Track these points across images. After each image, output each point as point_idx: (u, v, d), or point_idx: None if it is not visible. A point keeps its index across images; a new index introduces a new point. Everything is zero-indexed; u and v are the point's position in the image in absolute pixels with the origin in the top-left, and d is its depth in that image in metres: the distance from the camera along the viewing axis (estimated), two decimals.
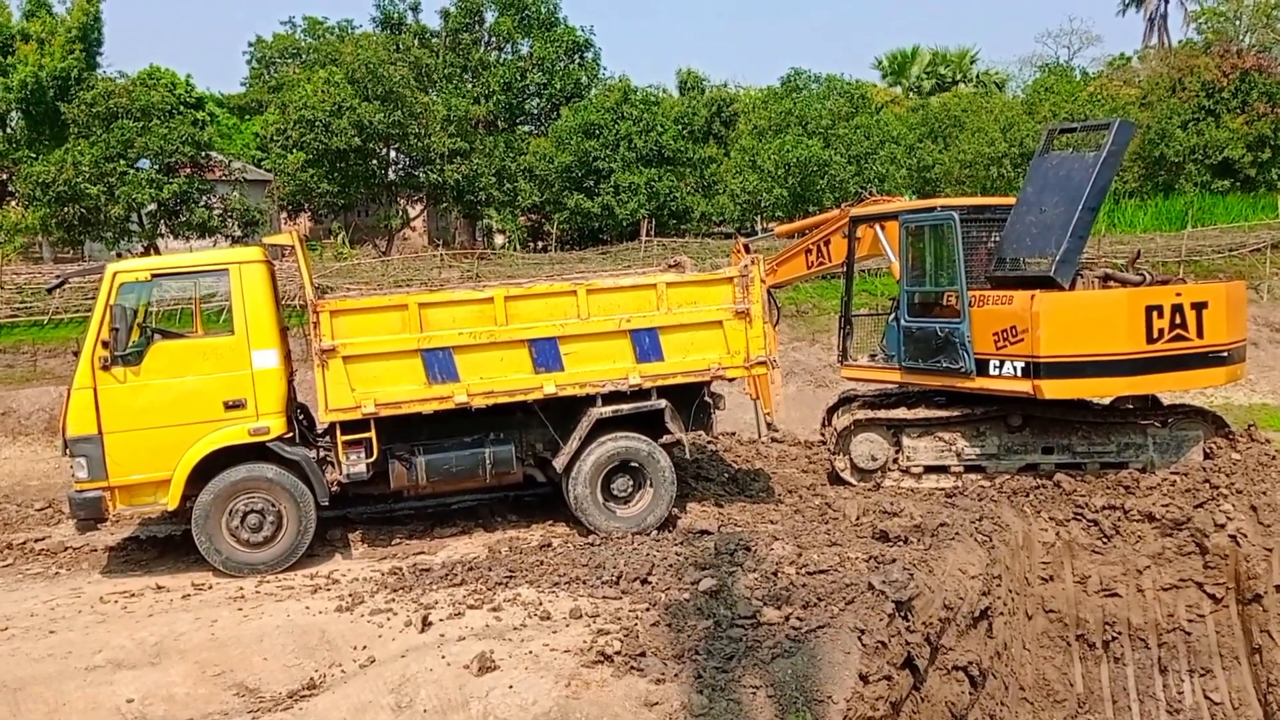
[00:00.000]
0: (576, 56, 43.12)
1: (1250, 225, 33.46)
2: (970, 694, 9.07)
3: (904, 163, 37.88)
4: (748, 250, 13.13)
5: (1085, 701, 10.78)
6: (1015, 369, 11.06)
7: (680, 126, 38.78)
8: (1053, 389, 10.91)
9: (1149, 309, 10.84)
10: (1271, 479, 11.41)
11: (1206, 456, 11.74)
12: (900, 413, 12.22)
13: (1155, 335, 10.83)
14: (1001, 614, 10.03)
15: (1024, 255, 11.38)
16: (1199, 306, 10.95)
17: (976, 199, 13.68)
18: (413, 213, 39.84)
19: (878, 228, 12.62)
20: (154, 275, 9.58)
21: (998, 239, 11.80)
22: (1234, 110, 40.20)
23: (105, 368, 9.13)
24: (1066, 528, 11.08)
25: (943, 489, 11.78)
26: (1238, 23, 46.23)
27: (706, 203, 38.25)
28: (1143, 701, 10.77)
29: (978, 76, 53.42)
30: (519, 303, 10.10)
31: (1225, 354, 11.15)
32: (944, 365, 11.53)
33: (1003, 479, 11.70)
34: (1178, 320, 10.90)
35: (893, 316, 12.69)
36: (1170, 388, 11.63)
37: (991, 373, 11.27)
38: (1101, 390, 11.31)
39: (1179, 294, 11.03)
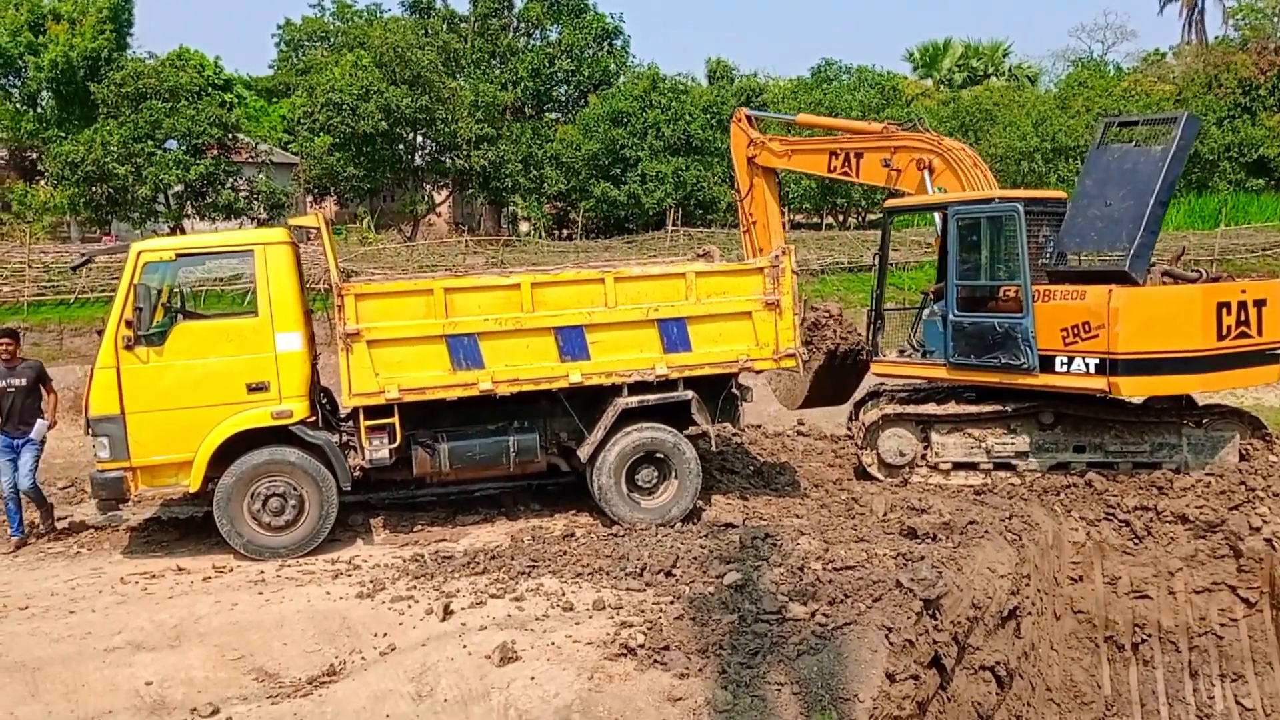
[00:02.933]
0: (605, 44, 42.94)
1: None
2: (997, 694, 8.92)
3: None
4: (749, 121, 13.67)
5: (1113, 704, 10.60)
6: (1088, 365, 10.77)
7: (709, 116, 38.53)
8: (1130, 386, 10.69)
9: (1219, 305, 10.67)
10: None
11: (1242, 458, 11.50)
12: (929, 408, 12.03)
13: (1224, 332, 10.67)
14: (1030, 614, 9.86)
15: (1089, 250, 11.15)
16: (1260, 304, 10.82)
17: (1023, 191, 13.29)
18: (438, 198, 39.82)
19: (925, 173, 12.21)
20: (179, 255, 9.52)
21: (1047, 233, 11.54)
22: (1270, 108, 39.63)
23: (129, 347, 9.08)
24: (1097, 528, 10.88)
25: (971, 486, 11.59)
26: (1275, 19, 45.44)
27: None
28: (1172, 705, 10.57)
29: (1010, 70, 52.89)
30: (546, 290, 9.99)
31: (1278, 351, 11.02)
32: (1002, 361, 11.17)
33: (1033, 477, 11.51)
34: (1243, 317, 10.74)
35: (928, 310, 12.45)
36: (1234, 385, 11.57)
37: (1058, 369, 10.96)
38: (1176, 387, 11.11)
39: (1244, 290, 10.92)
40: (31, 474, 10.29)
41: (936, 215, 12.78)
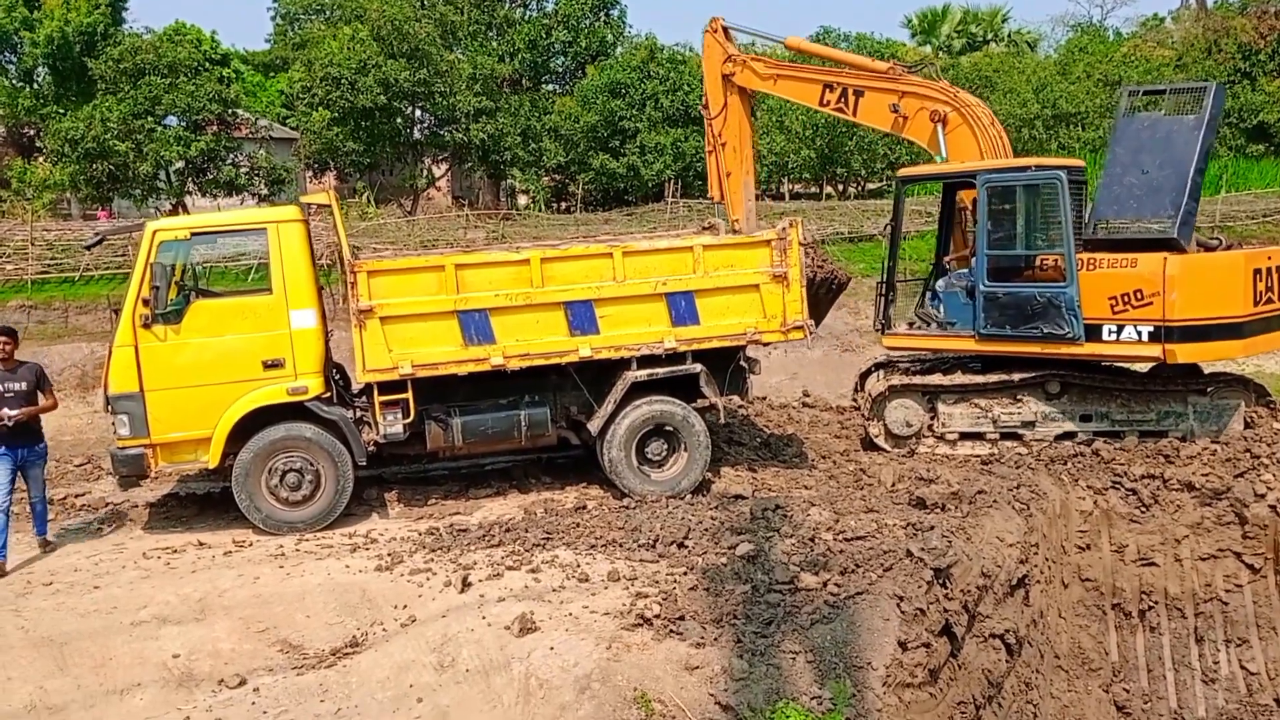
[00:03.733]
0: (602, 14, 42.63)
1: None
2: (1007, 662, 9.05)
3: None
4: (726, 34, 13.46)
5: (1120, 670, 10.75)
6: (1140, 333, 10.81)
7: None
8: (1185, 353, 10.78)
9: (1254, 272, 10.82)
10: None
11: (1247, 426, 11.60)
12: (936, 379, 12.12)
13: (1258, 298, 10.85)
14: (1038, 582, 10.00)
15: (1129, 218, 11.12)
16: None
17: (1053, 159, 13.12)
18: (437, 172, 39.70)
19: (939, 127, 12.04)
20: (193, 234, 9.58)
21: (1073, 201, 11.47)
22: (1270, 73, 39.51)
23: (146, 326, 9.17)
24: (1104, 496, 10.99)
25: (978, 456, 11.70)
26: None
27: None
28: (1178, 671, 10.72)
29: (1009, 35, 52.55)
30: (555, 265, 10.05)
31: None
32: (1045, 331, 11.13)
33: (1040, 447, 11.61)
34: (1270, 283, 10.92)
35: (943, 281, 12.37)
36: (1264, 349, 11.63)
37: (1105, 338, 11.00)
38: (1222, 353, 11.25)
39: (1270, 257, 11.09)
40: (43, 494, 9.47)
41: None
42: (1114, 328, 10.91)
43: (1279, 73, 39.32)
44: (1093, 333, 10.99)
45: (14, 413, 8.80)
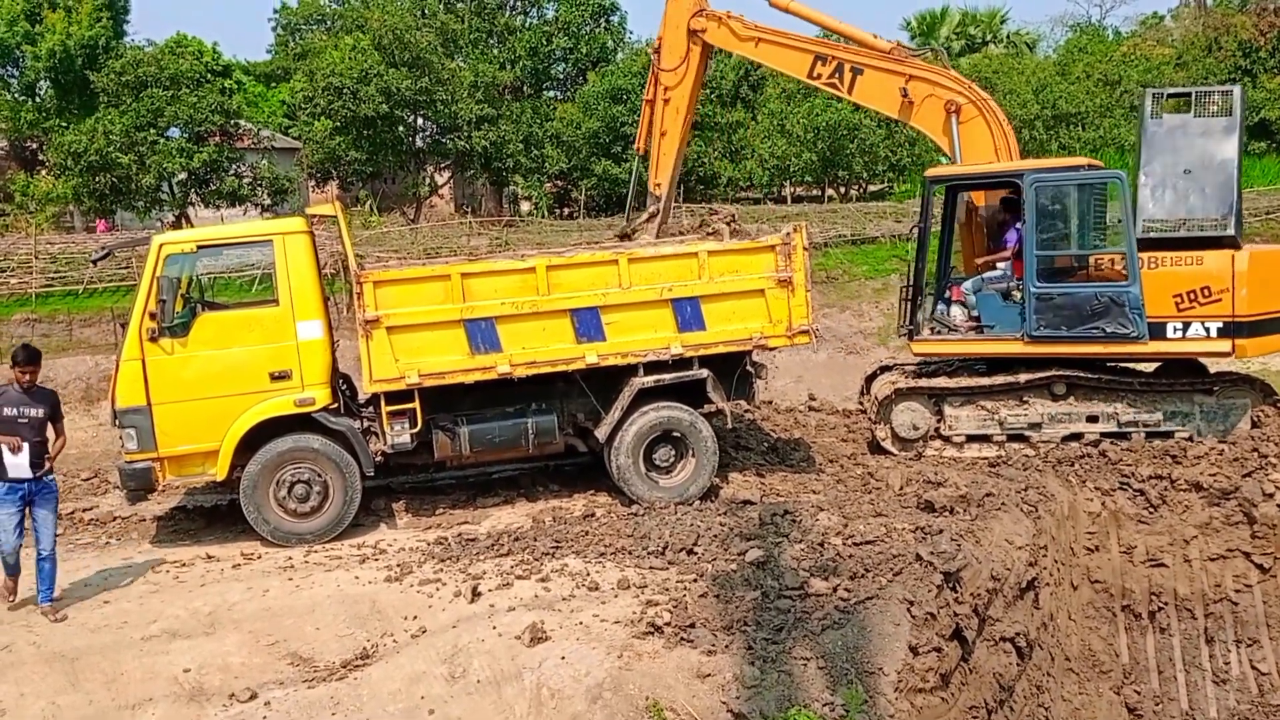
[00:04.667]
0: (602, 20, 42.73)
1: None
2: (1018, 665, 9.04)
3: None
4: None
5: (1131, 672, 10.72)
6: (1209, 329, 10.88)
7: (708, 91, 38.35)
8: (1254, 347, 10.99)
9: None
10: None
11: (1254, 425, 11.59)
12: (942, 381, 12.11)
13: None
14: (1048, 585, 9.98)
15: (1179, 217, 11.22)
16: None
17: (1060, 159, 12.91)
18: (440, 180, 39.77)
19: (952, 118, 11.89)
20: (200, 247, 9.59)
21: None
22: (1271, 70, 39.51)
23: (153, 339, 9.17)
24: (1112, 497, 10.97)
25: (986, 458, 11.69)
26: None
27: (734, 168, 37.98)
28: (1189, 672, 10.69)
29: (1008, 37, 52.55)
30: (561, 272, 10.05)
31: None
32: (1107, 331, 11.11)
33: (1047, 448, 11.59)
34: None
35: (972, 284, 12.06)
36: None
37: (1170, 335, 11.04)
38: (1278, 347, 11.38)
39: None
40: (53, 540, 8.32)
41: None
42: (1179, 325, 10.99)
43: (1279, 69, 39.30)
44: (1156, 331, 11.02)
45: (26, 441, 7.97)
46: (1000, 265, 12.05)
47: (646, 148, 13.42)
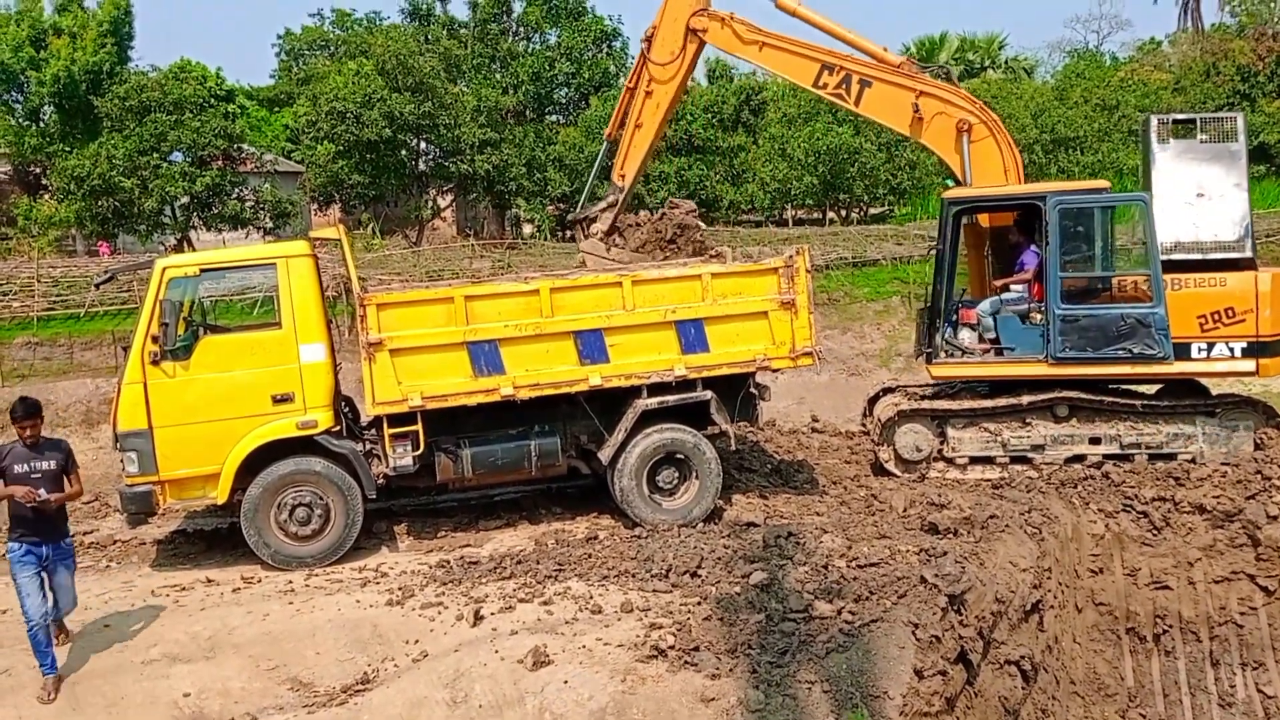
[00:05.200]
0: (605, 46, 42.95)
1: None
2: (1023, 688, 8.98)
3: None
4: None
5: (1136, 695, 10.65)
6: (1233, 350, 11.05)
7: (709, 115, 38.59)
8: (1276, 367, 11.15)
9: None
10: None
11: (1257, 447, 11.57)
12: (944, 403, 12.09)
13: None
14: (1052, 607, 9.93)
15: (1195, 239, 11.39)
16: None
17: (1080, 182, 12.76)
18: (442, 203, 39.90)
19: (963, 137, 11.85)
20: (202, 270, 9.61)
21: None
22: (1270, 94, 39.66)
23: (155, 362, 9.17)
24: (1116, 519, 10.93)
25: (989, 480, 11.65)
26: (1272, 5, 45.45)
27: (736, 191, 38.10)
28: (1194, 695, 10.62)
29: (1006, 62, 52.86)
30: (564, 294, 10.07)
31: None
32: (1134, 352, 11.16)
33: (1050, 470, 11.56)
34: None
35: (988, 305, 11.92)
36: None
37: (1195, 356, 11.17)
38: None
39: None
40: (73, 604, 7.92)
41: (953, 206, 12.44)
42: (1203, 345, 11.11)
43: (1278, 94, 39.48)
44: (1181, 351, 11.13)
45: (48, 495, 7.33)
46: (1016, 287, 11.98)
47: (616, 135, 13.03)
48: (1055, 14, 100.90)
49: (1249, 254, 11.33)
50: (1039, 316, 11.55)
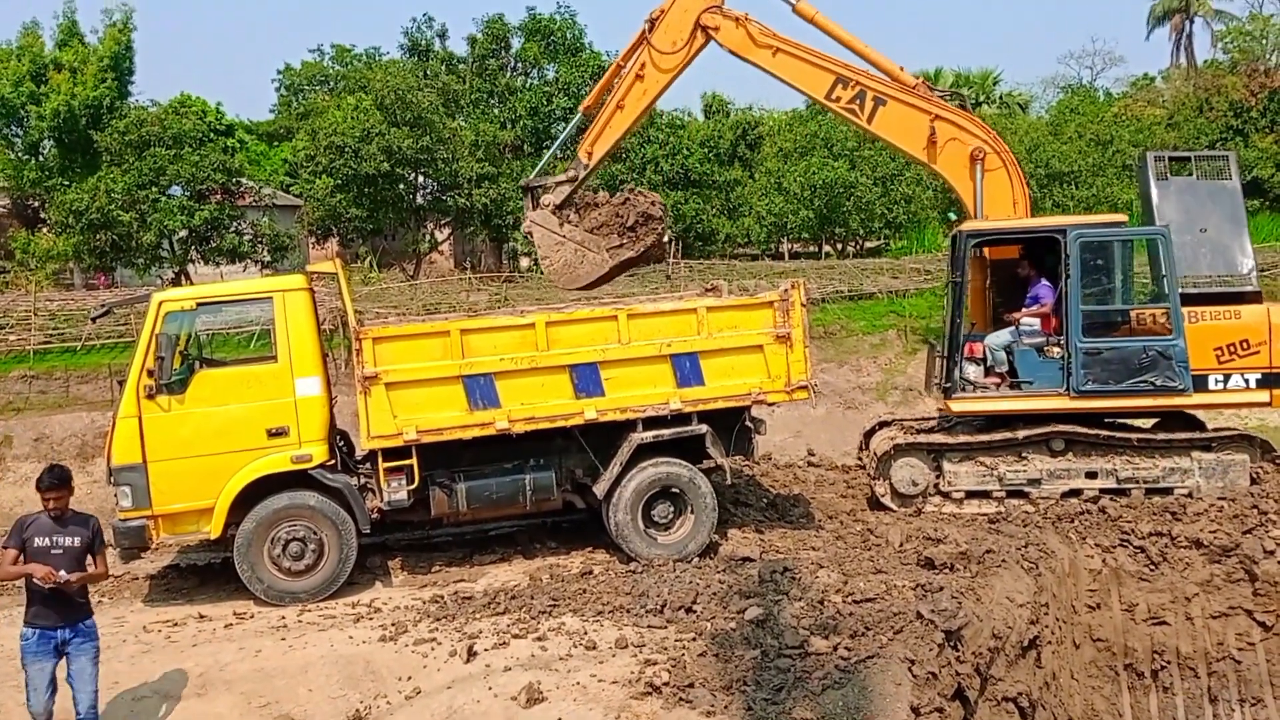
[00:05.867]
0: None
1: None
2: None
3: (930, 184, 37.76)
4: None
5: None
6: (1248, 381, 11.27)
7: (706, 150, 38.83)
8: (1279, 397, 11.32)
9: None
10: None
11: (1253, 481, 11.59)
12: (941, 437, 12.09)
13: None
14: (1049, 643, 9.87)
15: (1204, 273, 11.65)
16: None
17: (1098, 215, 12.69)
18: (440, 236, 40.02)
19: (977, 166, 11.84)
20: (199, 304, 9.63)
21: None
22: (1262, 130, 39.95)
23: (150, 396, 9.17)
24: (1113, 554, 10.91)
25: (985, 514, 11.63)
26: (1264, 42, 45.94)
27: (732, 225, 38.27)
28: None
29: (1001, 97, 53.24)
30: (560, 328, 10.09)
31: None
32: (1156, 384, 11.26)
33: (1047, 504, 11.55)
34: None
35: (1002, 339, 11.84)
36: None
37: (1213, 387, 11.32)
38: None
39: None
40: (94, 700, 6.78)
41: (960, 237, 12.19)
42: (1220, 377, 11.30)
43: (1271, 129, 39.79)
44: (1199, 383, 11.28)
45: (69, 575, 6.54)
46: (1030, 321, 11.87)
47: (594, 110, 12.42)
48: (1049, 50, 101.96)
49: (1256, 287, 11.58)
50: (1057, 350, 11.55)
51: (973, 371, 12.01)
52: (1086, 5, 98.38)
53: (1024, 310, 11.94)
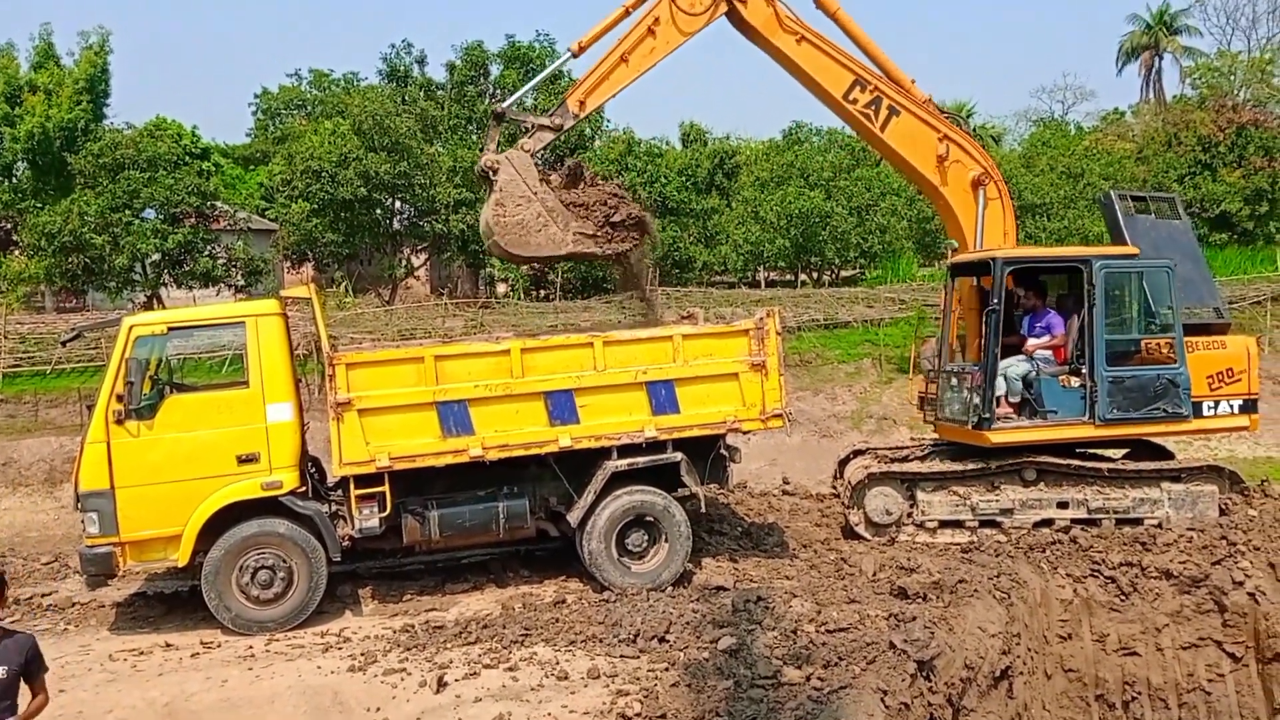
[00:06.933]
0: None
1: (1249, 278, 33.56)
2: None
3: (905, 215, 38.11)
4: None
5: None
6: (1232, 407, 11.78)
7: (683, 178, 39.03)
8: (1254, 422, 11.96)
9: None
10: None
11: (1222, 512, 11.70)
12: (914, 466, 12.13)
13: None
14: (1021, 673, 9.88)
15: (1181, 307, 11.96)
16: None
17: (1112, 247, 12.72)
18: (416, 262, 39.95)
19: (979, 191, 12.03)
20: (170, 329, 9.55)
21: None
22: (1230, 164, 40.58)
23: (119, 421, 9.06)
24: (1084, 584, 10.95)
25: (958, 544, 11.66)
26: (1232, 78, 46.78)
27: (709, 253, 38.43)
28: None
29: (975, 130, 53.92)
30: (535, 355, 10.06)
31: None
32: (1165, 411, 11.52)
33: (1019, 534, 11.59)
34: None
35: (1020, 369, 11.69)
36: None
37: (1206, 414, 11.72)
38: (1257, 423, 12.19)
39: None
40: None
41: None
42: (1212, 404, 11.75)
43: (1238, 164, 40.42)
44: (1196, 410, 11.67)
45: None
46: (1044, 350, 11.89)
47: (585, 49, 11.51)
48: (1022, 84, 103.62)
49: (1227, 320, 12.14)
50: (1075, 380, 11.61)
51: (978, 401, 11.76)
52: (1059, 41, 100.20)
53: (1034, 340, 11.96)
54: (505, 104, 11.80)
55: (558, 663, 8.24)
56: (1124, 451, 12.42)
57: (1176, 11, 57.28)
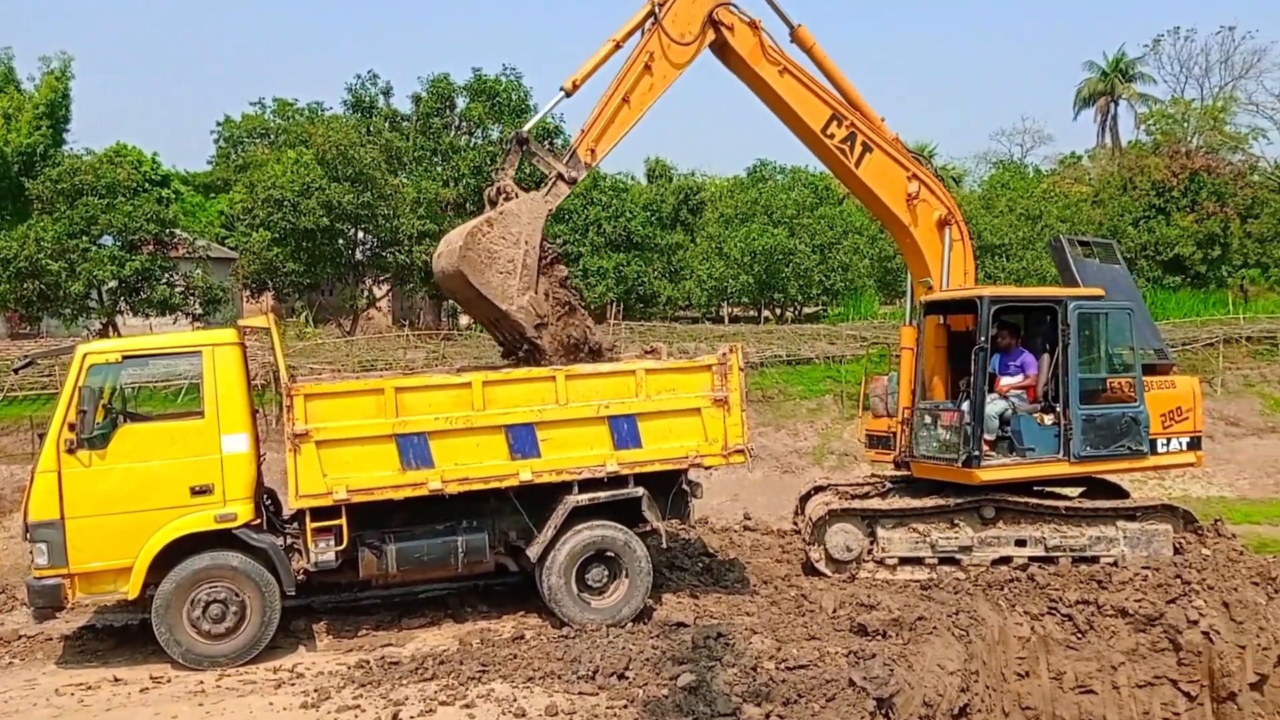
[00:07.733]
0: (546, 142, 43.61)
1: (1202, 320, 34.23)
2: None
3: (866, 253, 38.57)
4: None
5: None
6: (1181, 444, 12.16)
7: (648, 213, 39.32)
8: (1199, 457, 12.39)
9: None
10: (1241, 575, 11.49)
11: (1176, 551, 11.84)
12: (875, 503, 12.18)
13: None
14: (980, 711, 9.89)
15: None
16: None
17: (1080, 289, 12.82)
18: (378, 293, 39.77)
19: (945, 231, 12.34)
20: (125, 357, 9.39)
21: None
22: (1184, 209, 41.52)
23: (71, 450, 8.87)
24: (1041, 622, 11.00)
25: (918, 581, 11.69)
26: (1185, 124, 47.95)
27: (673, 288, 38.65)
28: None
29: (937, 171, 54.74)
30: (497, 388, 9.99)
31: None
32: (1129, 449, 11.76)
33: (977, 571, 11.65)
34: None
35: (1000, 408, 11.65)
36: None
37: (1160, 450, 12.05)
38: (1202, 459, 12.65)
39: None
40: None
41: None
42: (1165, 441, 12.09)
43: (1191, 208, 41.35)
44: (1153, 446, 11.98)
45: None
46: (1018, 389, 11.93)
47: (577, 87, 11.32)
48: (982, 126, 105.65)
49: (1170, 360, 12.51)
50: (1049, 418, 11.70)
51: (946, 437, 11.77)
52: (1018, 85, 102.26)
53: (1008, 379, 12.00)
54: (526, 128, 11.76)
55: (515, 700, 8.14)
56: (1080, 490, 12.55)
57: (1132, 59, 58.63)
